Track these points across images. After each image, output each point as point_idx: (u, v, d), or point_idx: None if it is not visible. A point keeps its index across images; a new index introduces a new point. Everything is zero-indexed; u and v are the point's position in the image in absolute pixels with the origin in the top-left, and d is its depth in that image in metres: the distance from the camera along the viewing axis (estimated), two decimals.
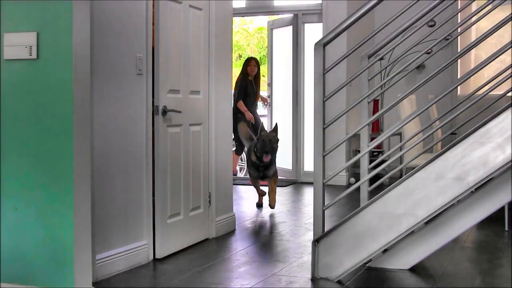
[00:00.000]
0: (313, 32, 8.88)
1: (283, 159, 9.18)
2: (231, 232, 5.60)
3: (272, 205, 6.65)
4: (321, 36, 5.98)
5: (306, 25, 9.12)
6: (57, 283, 3.59)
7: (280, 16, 9.88)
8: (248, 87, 8.65)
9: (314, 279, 4.19)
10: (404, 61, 5.31)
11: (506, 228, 5.55)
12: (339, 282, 4.13)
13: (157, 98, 4.66)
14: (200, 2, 5.18)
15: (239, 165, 10.24)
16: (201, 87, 5.25)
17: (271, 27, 9.73)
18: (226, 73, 5.67)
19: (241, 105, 8.53)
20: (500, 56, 4.05)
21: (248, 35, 26.76)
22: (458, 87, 6.37)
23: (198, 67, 5.19)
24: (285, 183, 8.74)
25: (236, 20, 21.48)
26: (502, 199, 4.16)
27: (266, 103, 9.84)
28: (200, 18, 5.20)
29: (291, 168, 9.14)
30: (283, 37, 9.48)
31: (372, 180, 4.67)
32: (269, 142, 6.49)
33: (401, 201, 4.08)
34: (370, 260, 4.31)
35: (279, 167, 8.84)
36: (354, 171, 8.65)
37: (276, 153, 6.78)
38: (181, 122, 4.92)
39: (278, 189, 8.22)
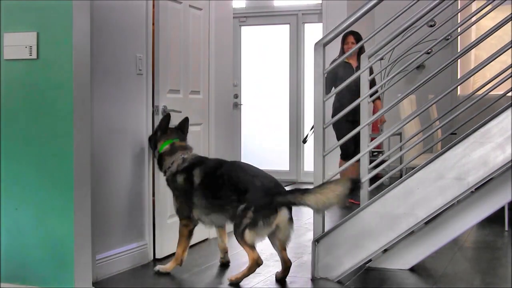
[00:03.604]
0: (313, 32, 8.87)
1: (280, 160, 9.16)
2: (231, 232, 5.59)
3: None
4: (321, 36, 5.98)
5: (306, 25, 9.12)
6: (57, 283, 3.59)
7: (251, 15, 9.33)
8: (339, 70, 6.62)
9: (314, 279, 4.19)
10: (404, 61, 5.32)
11: (506, 228, 5.55)
12: (339, 282, 4.13)
13: (157, 98, 4.65)
14: (200, 2, 5.18)
15: None
16: (201, 87, 5.25)
17: (241, 24, 9.33)
18: (226, 73, 5.67)
19: None
20: (500, 57, 4.05)
21: None
22: (458, 87, 6.37)
23: (198, 67, 5.19)
24: (284, 184, 8.70)
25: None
26: (502, 199, 4.16)
27: (381, 123, 7.62)
28: (200, 18, 5.20)
29: (288, 169, 9.12)
30: (258, 36, 9.27)
31: (372, 180, 4.67)
32: None
33: (401, 201, 4.07)
34: (370, 260, 4.31)
35: (276, 169, 8.77)
36: None
37: None
38: None
39: None
